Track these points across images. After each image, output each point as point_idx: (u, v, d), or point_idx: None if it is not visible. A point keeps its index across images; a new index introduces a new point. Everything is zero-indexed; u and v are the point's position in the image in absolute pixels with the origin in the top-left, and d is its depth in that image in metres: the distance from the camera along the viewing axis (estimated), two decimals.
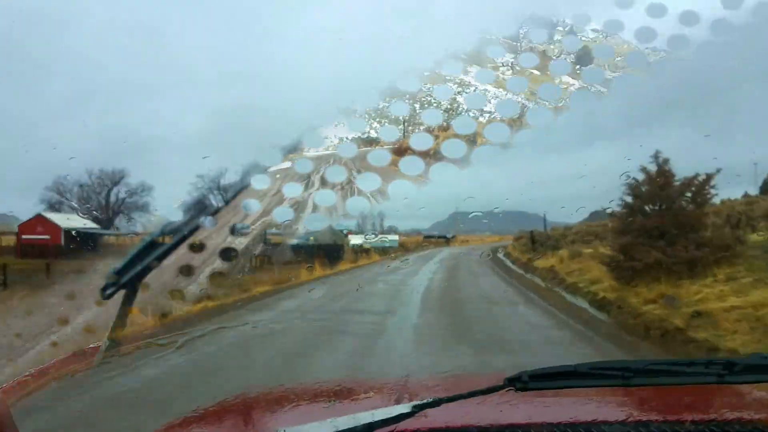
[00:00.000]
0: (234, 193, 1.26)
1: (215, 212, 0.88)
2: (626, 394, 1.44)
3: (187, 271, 1.48)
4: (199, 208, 0.83)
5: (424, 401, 0.99)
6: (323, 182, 1.50)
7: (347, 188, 1.73)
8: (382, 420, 0.96)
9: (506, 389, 0.94)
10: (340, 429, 0.96)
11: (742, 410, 1.23)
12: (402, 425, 1.01)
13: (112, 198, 57.68)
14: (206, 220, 0.91)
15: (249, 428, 1.27)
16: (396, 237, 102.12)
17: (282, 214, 1.47)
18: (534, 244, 26.07)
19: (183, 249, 1.25)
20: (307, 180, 1.92)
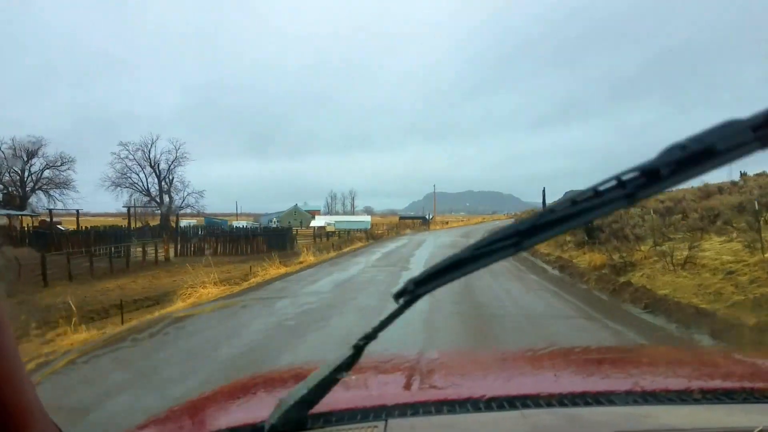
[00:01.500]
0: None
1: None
2: (625, 363, 1.55)
3: None
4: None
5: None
6: None
7: None
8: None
9: (398, 303, 0.80)
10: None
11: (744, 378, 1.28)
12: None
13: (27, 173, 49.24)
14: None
15: (254, 405, 1.30)
16: (368, 218, 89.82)
17: None
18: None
19: None
20: None
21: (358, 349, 0.88)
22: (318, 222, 74.23)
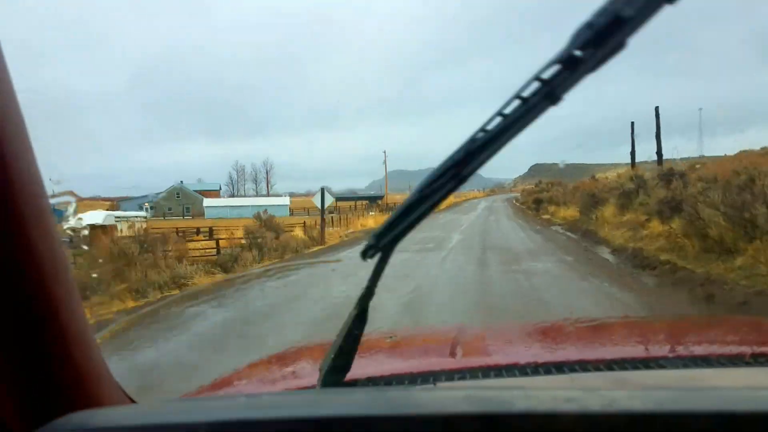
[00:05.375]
0: None
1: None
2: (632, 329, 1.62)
3: None
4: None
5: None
6: None
7: None
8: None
9: (365, 260, 0.78)
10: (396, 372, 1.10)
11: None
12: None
13: None
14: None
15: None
16: (286, 200, 55.24)
17: None
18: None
19: None
20: None
21: (363, 310, 0.87)
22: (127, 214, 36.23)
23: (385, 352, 1.09)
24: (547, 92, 0.65)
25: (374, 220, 33.53)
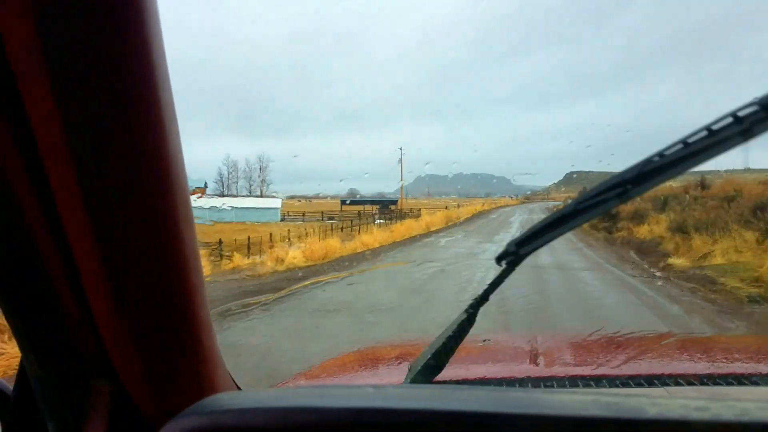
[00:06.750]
0: None
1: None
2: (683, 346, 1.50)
3: None
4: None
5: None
6: None
7: None
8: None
9: (500, 266, 0.79)
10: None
11: None
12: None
13: None
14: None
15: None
16: (278, 202, 40.42)
17: None
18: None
19: None
20: None
21: (471, 314, 0.88)
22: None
23: (465, 356, 1.07)
24: (743, 130, 0.64)
25: (359, 242, 19.91)
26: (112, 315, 0.62)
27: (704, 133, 0.65)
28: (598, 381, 1.09)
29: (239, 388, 0.85)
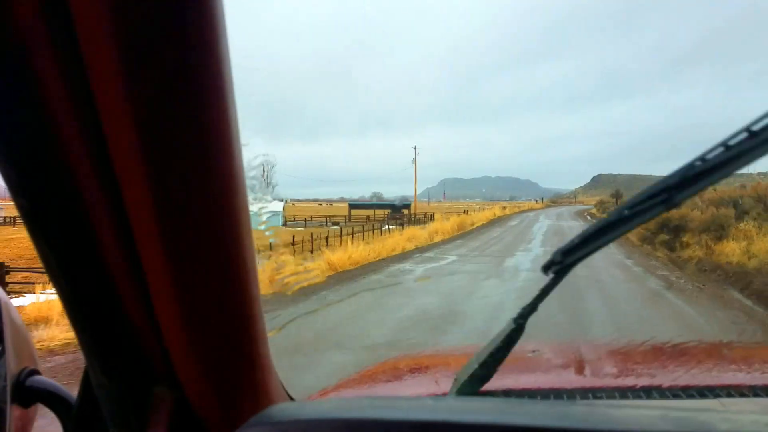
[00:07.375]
0: None
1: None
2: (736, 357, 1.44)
3: None
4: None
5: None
6: None
7: None
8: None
9: (547, 275, 0.77)
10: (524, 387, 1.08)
11: None
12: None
13: None
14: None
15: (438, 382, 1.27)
16: (279, 206, 37.29)
17: None
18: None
19: None
20: None
21: (520, 325, 0.85)
22: None
23: (508, 366, 0.96)
24: None
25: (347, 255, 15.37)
26: (178, 324, 0.61)
27: (745, 134, 0.63)
28: (648, 392, 1.05)
29: (291, 399, 0.87)
